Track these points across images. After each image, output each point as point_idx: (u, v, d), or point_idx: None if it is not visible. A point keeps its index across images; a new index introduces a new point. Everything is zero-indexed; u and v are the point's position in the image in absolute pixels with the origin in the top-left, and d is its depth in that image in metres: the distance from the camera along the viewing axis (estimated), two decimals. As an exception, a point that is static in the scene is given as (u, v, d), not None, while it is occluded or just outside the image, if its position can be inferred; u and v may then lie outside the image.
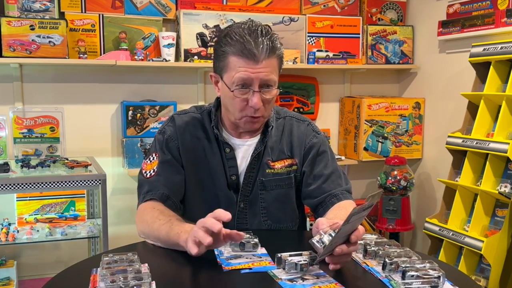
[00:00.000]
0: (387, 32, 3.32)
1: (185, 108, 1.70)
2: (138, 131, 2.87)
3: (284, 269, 1.17)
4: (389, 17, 3.39)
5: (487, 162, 2.55)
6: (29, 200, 2.63)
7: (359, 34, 3.26)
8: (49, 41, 2.57)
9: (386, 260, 1.17)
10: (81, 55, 2.67)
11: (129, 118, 2.84)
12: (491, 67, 2.60)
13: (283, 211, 1.65)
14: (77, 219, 2.68)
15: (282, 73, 1.70)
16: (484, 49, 2.61)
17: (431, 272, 1.11)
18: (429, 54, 3.26)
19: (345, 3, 3.27)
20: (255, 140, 1.61)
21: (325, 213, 1.53)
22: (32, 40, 2.54)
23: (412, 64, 3.38)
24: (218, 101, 1.62)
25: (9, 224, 2.59)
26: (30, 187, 2.29)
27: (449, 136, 2.76)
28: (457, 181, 2.72)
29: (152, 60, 2.80)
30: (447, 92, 3.12)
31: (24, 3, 2.62)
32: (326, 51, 3.17)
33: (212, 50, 1.80)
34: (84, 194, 2.73)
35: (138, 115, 2.85)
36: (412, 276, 1.10)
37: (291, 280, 1.13)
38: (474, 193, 2.69)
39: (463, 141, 2.67)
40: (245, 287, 1.17)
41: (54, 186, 2.32)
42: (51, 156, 2.69)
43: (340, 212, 1.46)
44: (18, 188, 2.28)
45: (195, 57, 2.89)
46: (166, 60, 2.83)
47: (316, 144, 1.65)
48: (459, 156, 2.78)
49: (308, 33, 3.15)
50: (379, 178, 3.16)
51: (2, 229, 2.48)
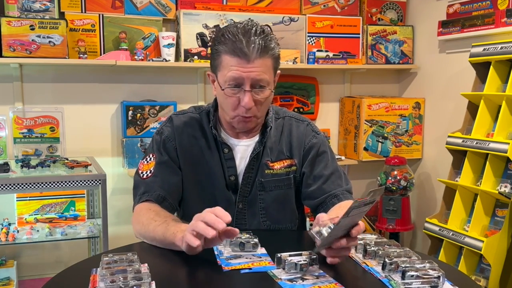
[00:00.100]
0: (387, 32, 3.32)
1: (185, 109, 1.70)
2: (138, 131, 2.87)
3: (284, 269, 1.17)
4: (389, 17, 3.39)
5: (487, 162, 2.55)
6: (29, 200, 2.63)
7: (359, 34, 3.25)
8: (49, 41, 2.57)
9: (386, 260, 1.17)
10: (81, 55, 2.67)
11: (129, 118, 2.84)
12: (491, 67, 2.60)
13: (282, 212, 1.65)
14: (77, 219, 2.68)
15: (282, 73, 1.69)
16: (484, 49, 2.61)
17: (431, 272, 1.11)
18: (429, 54, 3.26)
19: (345, 3, 3.27)
20: (254, 141, 1.60)
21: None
22: (32, 40, 2.54)
23: (412, 64, 3.38)
24: (217, 101, 1.62)
25: (9, 224, 2.59)
26: (30, 187, 2.29)
27: (449, 136, 2.76)
28: (457, 181, 2.72)
29: (152, 60, 2.80)
30: (447, 92, 3.12)
31: (24, 3, 2.62)
32: (326, 51, 3.17)
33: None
34: (84, 194, 2.73)
35: (138, 115, 2.85)
36: (412, 276, 1.10)
37: (291, 280, 1.13)
38: (474, 193, 2.69)
39: (463, 141, 2.67)
40: (245, 287, 1.17)
41: (54, 186, 2.32)
42: (51, 156, 2.69)
43: (341, 212, 1.45)
44: (18, 188, 2.28)
45: (195, 57, 2.89)
46: (166, 60, 2.83)
47: (316, 145, 1.64)
48: (459, 156, 2.78)
49: (308, 33, 3.15)
50: (379, 178, 3.16)
51: (2, 229, 2.48)
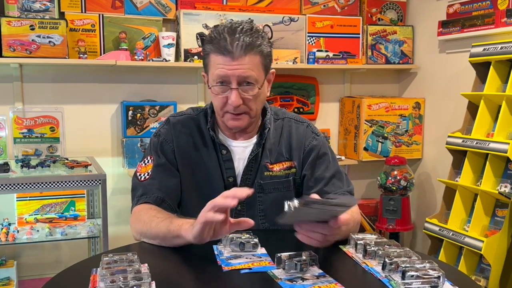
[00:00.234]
0: (387, 32, 3.32)
1: (183, 110, 1.70)
2: (138, 131, 2.87)
3: (284, 269, 1.17)
4: (389, 17, 3.39)
5: (487, 162, 2.55)
6: (29, 200, 2.63)
7: (359, 34, 3.25)
8: (49, 41, 2.57)
9: (386, 260, 1.17)
10: (81, 55, 2.67)
11: (129, 118, 2.84)
12: (491, 67, 2.60)
13: None
14: (77, 219, 2.68)
15: (282, 73, 1.69)
16: (484, 49, 2.61)
17: (431, 272, 1.11)
18: (429, 54, 3.26)
19: (345, 3, 3.27)
20: (252, 142, 1.60)
21: None
22: (32, 40, 2.54)
23: (412, 64, 3.38)
24: None
25: (9, 224, 2.59)
26: (30, 187, 2.29)
27: (449, 136, 2.76)
28: (457, 181, 2.72)
29: (152, 60, 2.80)
30: (447, 92, 3.12)
31: (24, 3, 2.62)
32: (326, 51, 3.17)
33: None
34: (84, 194, 2.73)
35: (138, 115, 2.85)
36: (412, 276, 1.10)
37: (291, 280, 1.13)
38: (474, 193, 2.69)
39: (463, 141, 2.66)
40: (245, 287, 1.17)
41: (54, 186, 2.32)
42: (51, 156, 2.69)
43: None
44: (18, 188, 2.28)
45: (195, 57, 2.89)
46: (166, 60, 2.83)
47: (316, 147, 1.62)
48: (459, 156, 2.78)
49: (308, 33, 3.15)
50: (379, 178, 3.16)
51: (2, 229, 2.49)
